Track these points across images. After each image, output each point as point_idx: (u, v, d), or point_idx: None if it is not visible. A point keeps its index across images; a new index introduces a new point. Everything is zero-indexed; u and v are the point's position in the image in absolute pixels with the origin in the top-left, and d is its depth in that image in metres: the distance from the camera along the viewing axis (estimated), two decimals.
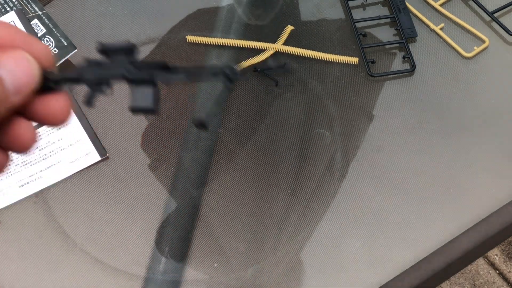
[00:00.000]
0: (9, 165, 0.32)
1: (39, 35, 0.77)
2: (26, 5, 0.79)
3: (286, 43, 0.79)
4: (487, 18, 0.80)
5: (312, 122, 0.74)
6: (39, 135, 0.75)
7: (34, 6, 0.79)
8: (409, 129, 0.74)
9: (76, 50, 0.75)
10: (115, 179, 0.71)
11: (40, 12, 0.78)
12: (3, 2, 0.79)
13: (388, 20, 0.81)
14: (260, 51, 0.78)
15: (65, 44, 0.76)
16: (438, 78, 0.77)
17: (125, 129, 0.74)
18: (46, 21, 0.78)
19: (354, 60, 0.77)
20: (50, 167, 0.71)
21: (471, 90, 0.77)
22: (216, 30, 0.80)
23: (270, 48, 0.78)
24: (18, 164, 0.71)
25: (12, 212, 0.70)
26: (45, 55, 0.32)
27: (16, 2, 0.79)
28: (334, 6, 0.82)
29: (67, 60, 0.75)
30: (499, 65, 0.79)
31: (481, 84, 0.77)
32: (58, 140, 0.72)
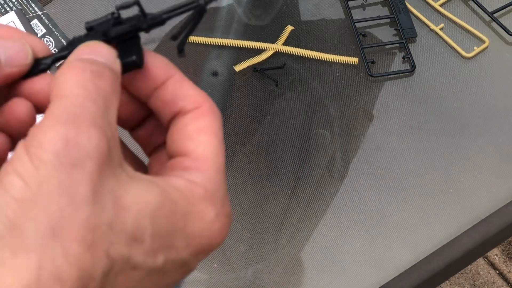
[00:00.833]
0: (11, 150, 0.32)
1: (39, 35, 0.77)
2: (26, 5, 0.79)
3: (286, 43, 0.79)
4: (487, 18, 0.80)
5: (312, 122, 0.74)
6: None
7: (34, 6, 0.79)
8: (409, 129, 0.74)
9: None
10: None
11: (40, 12, 0.78)
12: (3, 2, 0.79)
13: (388, 20, 0.81)
14: (260, 51, 0.78)
15: (65, 44, 0.76)
16: (438, 78, 0.77)
17: None
18: (46, 21, 0.78)
19: (354, 60, 0.77)
20: None
21: (471, 90, 0.77)
22: (216, 30, 0.80)
23: (270, 48, 0.78)
24: None
25: None
26: (41, 46, 0.34)
27: (16, 3, 0.79)
28: (334, 6, 0.82)
29: None
30: (499, 65, 0.79)
31: (481, 84, 0.77)
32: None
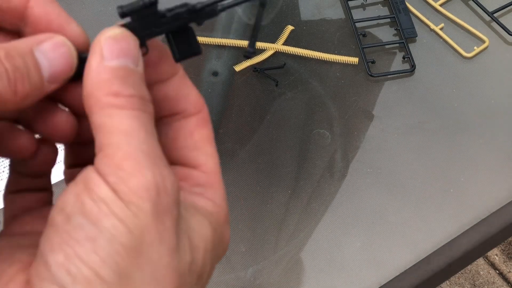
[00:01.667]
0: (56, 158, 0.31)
1: None
2: None
3: (286, 43, 0.79)
4: (487, 18, 0.80)
5: (312, 122, 0.74)
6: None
7: None
8: (409, 129, 0.74)
9: None
10: None
11: None
12: None
13: (388, 20, 0.81)
14: (260, 51, 0.78)
15: None
16: (438, 78, 0.77)
17: None
18: None
19: (354, 60, 0.77)
20: None
21: (471, 90, 0.77)
22: (216, 30, 0.80)
23: (270, 48, 0.78)
24: None
25: None
26: (82, 39, 0.31)
27: None
28: (334, 6, 0.82)
29: None
30: (499, 65, 0.79)
31: (481, 84, 0.77)
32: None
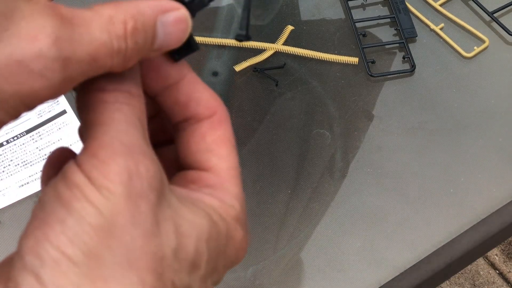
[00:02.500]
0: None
1: None
2: None
3: (286, 43, 0.79)
4: (487, 18, 0.80)
5: (312, 122, 0.74)
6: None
7: None
8: (409, 129, 0.74)
9: None
10: None
11: None
12: None
13: (388, 20, 0.81)
14: (260, 51, 0.78)
15: None
16: (438, 78, 0.77)
17: None
18: None
19: (354, 60, 0.77)
20: None
21: (471, 90, 0.77)
22: (216, 30, 0.80)
23: (270, 48, 0.78)
24: (18, 164, 0.71)
25: (12, 212, 0.70)
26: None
27: None
28: (334, 6, 0.82)
29: None
30: (499, 65, 0.79)
31: (481, 84, 0.77)
32: (58, 140, 0.72)
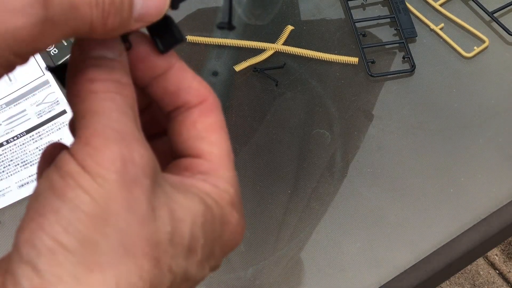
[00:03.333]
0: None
1: None
2: None
3: (286, 43, 0.79)
4: (487, 18, 0.80)
5: (312, 122, 0.74)
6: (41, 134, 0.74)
7: None
8: (409, 129, 0.74)
9: None
10: None
11: None
12: None
13: (388, 20, 0.81)
14: (260, 51, 0.78)
15: (65, 44, 0.76)
16: (438, 78, 0.77)
17: None
18: None
19: (354, 60, 0.77)
20: None
21: (471, 90, 0.77)
22: (216, 30, 0.80)
23: (270, 48, 0.78)
24: (18, 164, 0.71)
25: (12, 212, 0.70)
26: None
27: None
28: (334, 6, 0.82)
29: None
30: (499, 65, 0.79)
31: (481, 84, 0.77)
32: (58, 140, 0.72)
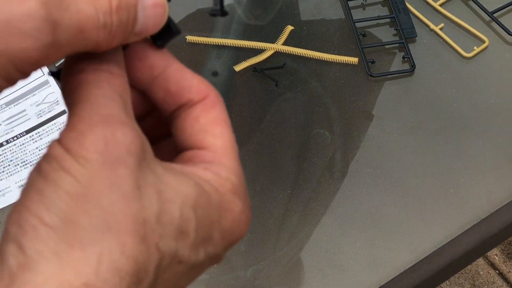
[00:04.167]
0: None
1: None
2: None
3: (286, 43, 0.79)
4: (487, 18, 0.80)
5: (312, 122, 0.74)
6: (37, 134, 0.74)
7: None
8: (409, 129, 0.74)
9: None
10: None
11: None
12: None
13: (388, 20, 0.81)
14: (260, 51, 0.78)
15: None
16: (438, 78, 0.77)
17: None
18: None
19: (354, 60, 0.77)
20: None
21: (471, 90, 0.77)
22: (216, 30, 0.80)
23: (270, 48, 0.78)
24: (18, 164, 0.71)
25: None
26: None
27: None
28: (334, 6, 0.82)
29: None
30: (499, 65, 0.79)
31: (481, 84, 0.77)
32: None
